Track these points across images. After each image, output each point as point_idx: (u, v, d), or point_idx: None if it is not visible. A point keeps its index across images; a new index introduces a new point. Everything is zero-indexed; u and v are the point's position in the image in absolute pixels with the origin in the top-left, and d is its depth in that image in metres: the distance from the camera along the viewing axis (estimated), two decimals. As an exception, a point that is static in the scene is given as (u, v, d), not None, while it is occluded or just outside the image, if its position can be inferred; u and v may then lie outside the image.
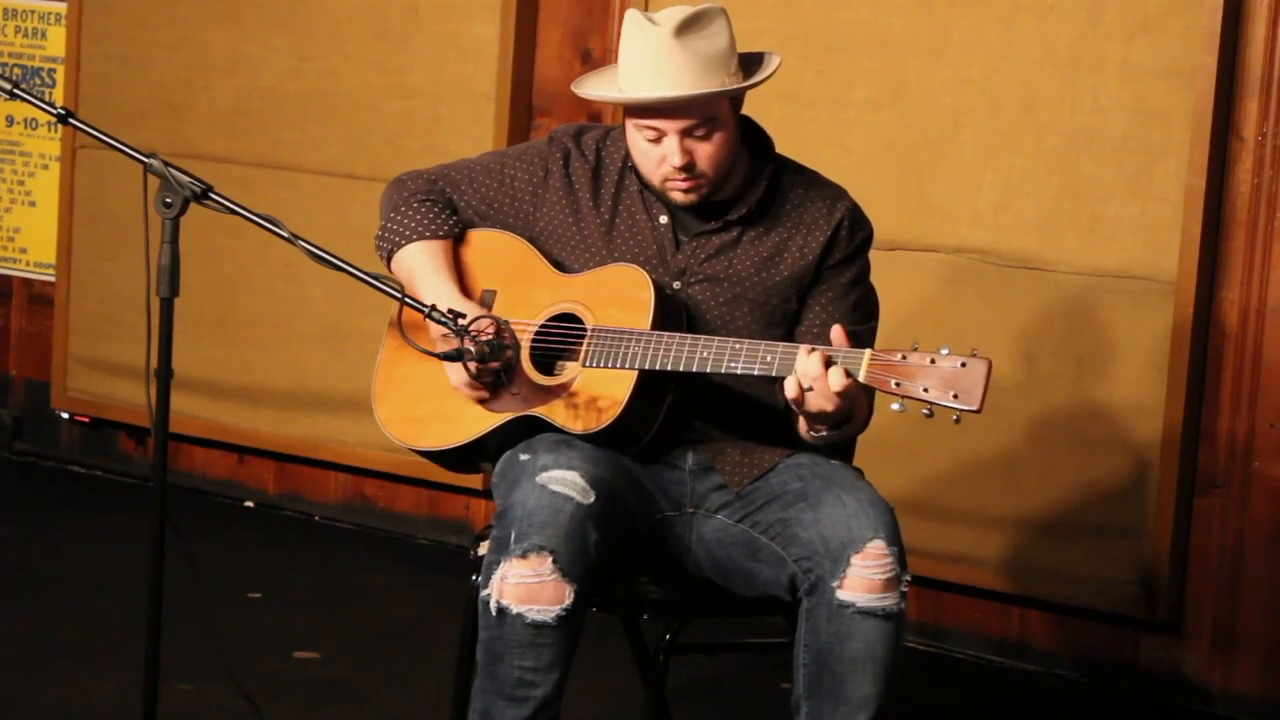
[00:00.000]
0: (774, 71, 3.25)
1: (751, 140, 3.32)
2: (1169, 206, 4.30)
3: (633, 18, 3.20)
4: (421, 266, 3.33)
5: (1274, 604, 4.33)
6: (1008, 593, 4.55)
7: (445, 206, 3.40)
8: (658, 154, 3.21)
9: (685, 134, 3.18)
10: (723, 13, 3.22)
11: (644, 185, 3.30)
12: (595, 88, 3.29)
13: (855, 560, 3.03)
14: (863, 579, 3.03)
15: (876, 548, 3.03)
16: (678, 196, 3.24)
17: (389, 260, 3.40)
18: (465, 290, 3.33)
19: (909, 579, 3.08)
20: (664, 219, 3.30)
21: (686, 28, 3.16)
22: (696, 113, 3.17)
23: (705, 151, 3.20)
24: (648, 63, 3.16)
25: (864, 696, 3.06)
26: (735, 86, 3.18)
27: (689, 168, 3.20)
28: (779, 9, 4.65)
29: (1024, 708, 4.45)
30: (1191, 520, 4.38)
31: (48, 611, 4.55)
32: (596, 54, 4.99)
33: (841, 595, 3.03)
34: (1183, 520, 4.36)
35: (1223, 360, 4.33)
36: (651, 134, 3.20)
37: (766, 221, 3.30)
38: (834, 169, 3.51)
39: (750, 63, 3.27)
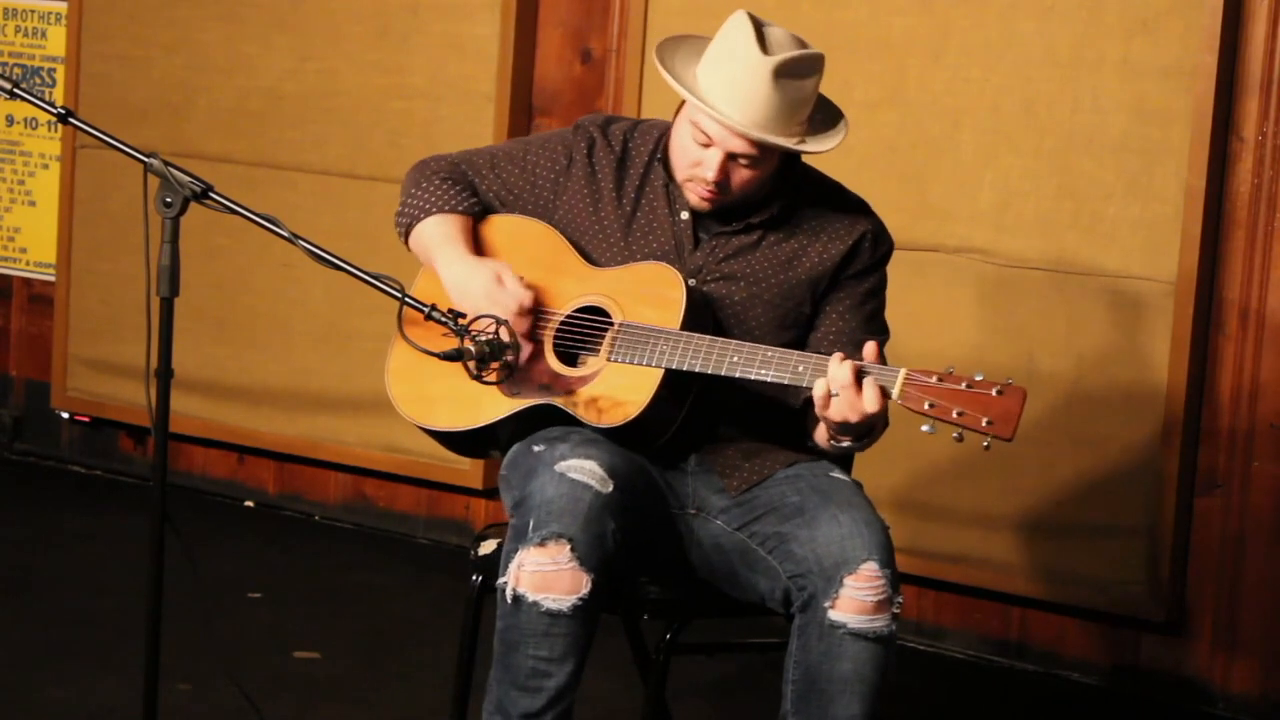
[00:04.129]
0: (835, 145, 3.22)
1: None
2: (1169, 206, 4.30)
3: (744, 25, 3.15)
4: (439, 237, 3.33)
5: (1274, 604, 4.33)
6: (1008, 593, 4.55)
7: (465, 187, 3.39)
8: (697, 155, 3.20)
9: (732, 157, 3.17)
10: (823, 62, 3.19)
11: (669, 179, 3.29)
12: (676, 68, 3.21)
13: (848, 581, 3.02)
14: (855, 600, 3.02)
15: (869, 570, 3.03)
16: (693, 199, 3.24)
17: (407, 235, 3.40)
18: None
19: (901, 600, 3.07)
20: (685, 216, 3.28)
21: (788, 69, 3.13)
22: (755, 148, 3.16)
23: (742, 178, 3.20)
24: (738, 84, 3.13)
25: (850, 716, 3.05)
26: (801, 148, 3.17)
27: (720, 184, 3.20)
28: (779, 9, 4.64)
29: (1024, 708, 4.45)
30: (1191, 520, 4.38)
31: (48, 611, 4.55)
32: (596, 54, 4.99)
33: (833, 615, 3.03)
34: (1183, 520, 4.36)
35: (1222, 360, 4.33)
36: (704, 139, 3.18)
37: (788, 227, 3.29)
38: (834, 169, 3.50)
39: (824, 109, 3.25)
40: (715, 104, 3.14)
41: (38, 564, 4.93)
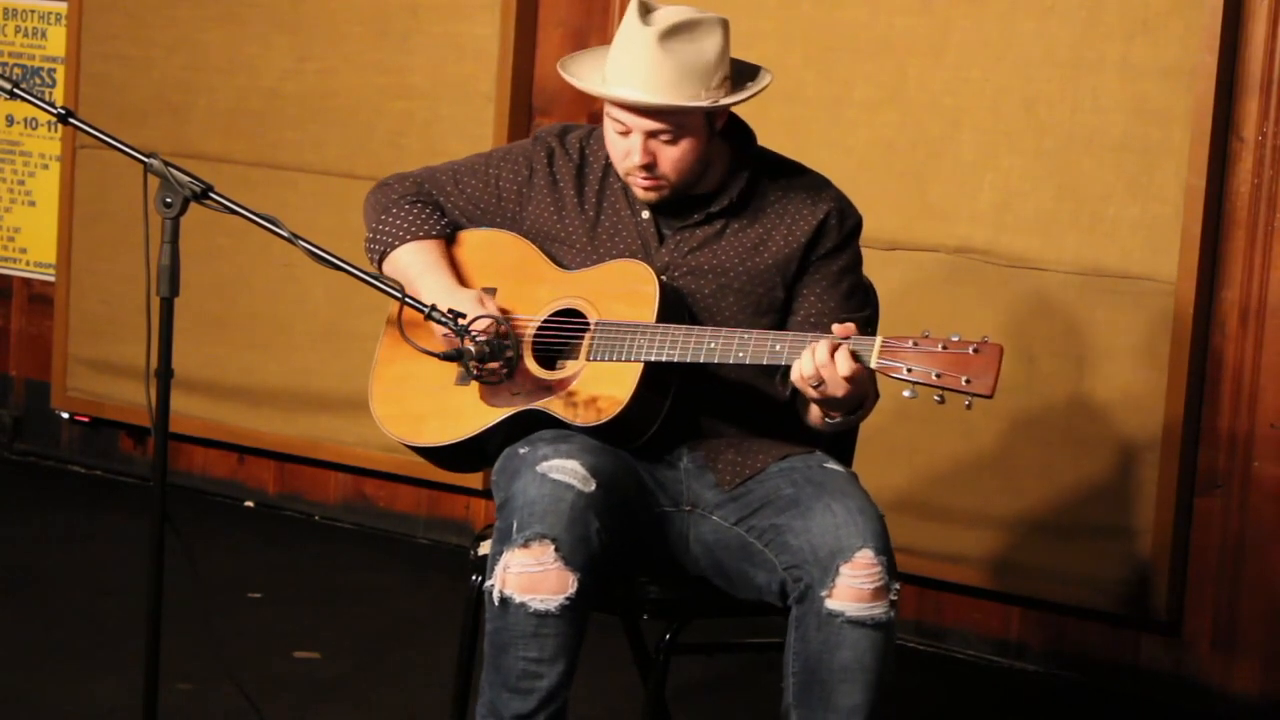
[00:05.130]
0: (754, 95, 3.23)
1: (733, 134, 3.32)
2: (1169, 206, 4.30)
3: (634, 6, 3.19)
4: (419, 265, 3.34)
5: (1274, 604, 4.33)
6: (1007, 593, 4.55)
7: (434, 208, 3.40)
8: (624, 147, 3.22)
9: (651, 135, 3.18)
10: (720, 24, 3.19)
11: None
12: (581, 70, 3.28)
13: (844, 569, 3.02)
14: (851, 588, 3.02)
15: (865, 557, 3.03)
16: (638, 191, 3.26)
17: (380, 262, 3.40)
18: (465, 286, 3.33)
19: (899, 587, 3.07)
20: (646, 214, 3.30)
21: (674, 33, 3.14)
22: (664, 119, 3.17)
23: (669, 156, 3.20)
24: (627, 59, 3.16)
25: (853, 705, 3.05)
26: (703, 104, 3.16)
27: (649, 168, 3.20)
28: (779, 9, 4.65)
29: (1024, 708, 4.45)
30: (1191, 520, 4.38)
31: (48, 611, 4.56)
32: (596, 54, 4.99)
33: (830, 604, 3.03)
34: (1182, 520, 4.36)
35: (1223, 360, 4.33)
36: (620, 127, 3.21)
37: (750, 213, 3.29)
38: (834, 169, 3.51)
39: (742, 74, 3.25)
40: (611, 87, 3.16)
41: (38, 564, 4.93)
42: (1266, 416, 4.31)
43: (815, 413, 3.17)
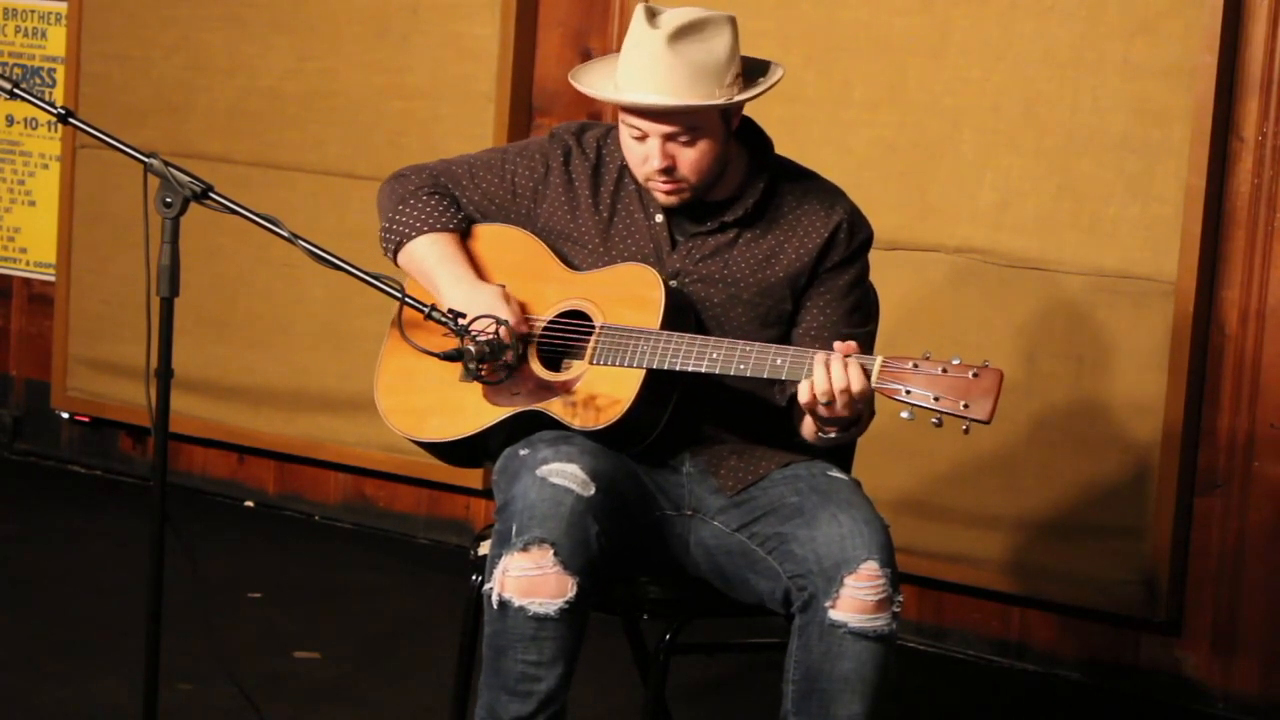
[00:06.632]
0: (767, 89, 3.22)
1: (751, 141, 3.32)
2: (1169, 206, 4.30)
3: (640, 11, 3.18)
4: (436, 257, 3.33)
5: (1274, 604, 4.33)
6: (1008, 593, 4.55)
7: (450, 201, 3.40)
8: (641, 152, 3.21)
9: (668, 139, 3.17)
10: (728, 22, 3.19)
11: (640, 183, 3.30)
12: (592, 79, 3.27)
13: (848, 581, 3.02)
14: (855, 600, 3.02)
15: (870, 569, 3.03)
16: (659, 196, 3.25)
17: (396, 253, 3.40)
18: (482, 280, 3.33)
19: (901, 600, 3.07)
20: (660, 218, 3.29)
21: (682, 34, 3.14)
22: (680, 121, 3.16)
23: (688, 158, 3.19)
24: (638, 64, 3.15)
25: (851, 715, 3.06)
26: (717, 102, 3.15)
27: (669, 171, 3.19)
28: (779, 9, 4.65)
29: (1024, 708, 4.45)
30: (1191, 520, 4.38)
31: (48, 611, 4.56)
32: (596, 53, 4.99)
33: (834, 615, 3.03)
34: (1183, 520, 4.36)
35: (1223, 360, 4.33)
36: (636, 133, 3.20)
37: (764, 223, 3.29)
38: (834, 169, 3.50)
39: (754, 71, 3.24)
40: (625, 93, 3.16)
41: (38, 564, 4.93)
42: (1266, 416, 4.31)
43: (809, 426, 3.16)
